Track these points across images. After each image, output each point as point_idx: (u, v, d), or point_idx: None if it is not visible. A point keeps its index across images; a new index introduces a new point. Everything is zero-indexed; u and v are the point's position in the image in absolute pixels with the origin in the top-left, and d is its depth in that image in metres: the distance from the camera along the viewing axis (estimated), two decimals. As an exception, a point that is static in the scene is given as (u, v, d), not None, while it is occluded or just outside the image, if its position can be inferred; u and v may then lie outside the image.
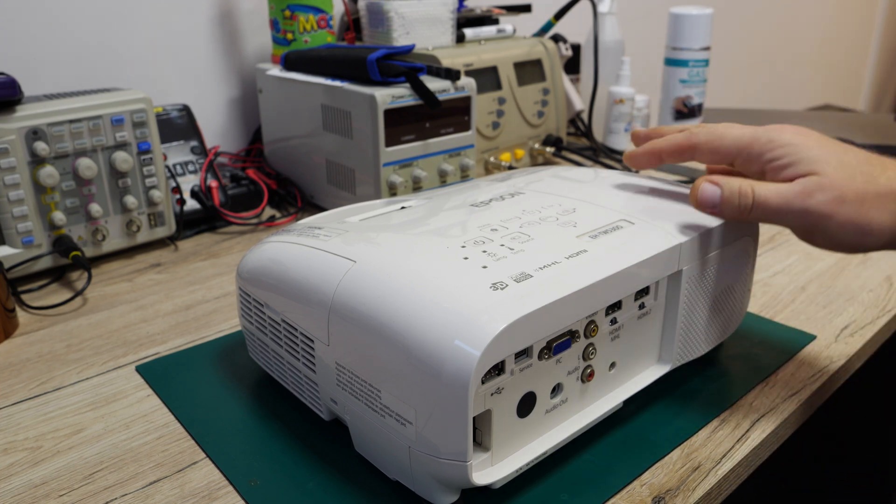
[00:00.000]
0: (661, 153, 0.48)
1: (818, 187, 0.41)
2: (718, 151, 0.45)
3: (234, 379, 0.53)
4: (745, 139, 0.44)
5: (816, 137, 0.43)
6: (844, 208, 0.41)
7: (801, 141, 0.43)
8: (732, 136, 0.44)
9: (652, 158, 0.48)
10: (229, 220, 0.84)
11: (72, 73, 0.88)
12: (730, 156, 0.45)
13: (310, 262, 0.43)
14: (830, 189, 0.41)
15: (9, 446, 0.46)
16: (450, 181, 0.82)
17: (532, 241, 0.42)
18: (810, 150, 0.42)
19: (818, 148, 0.42)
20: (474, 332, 0.34)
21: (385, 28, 0.90)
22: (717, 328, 0.51)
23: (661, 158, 0.48)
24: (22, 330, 0.62)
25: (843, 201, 0.41)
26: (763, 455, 0.47)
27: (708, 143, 0.45)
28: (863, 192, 0.41)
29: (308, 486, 0.42)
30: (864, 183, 0.41)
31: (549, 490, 0.41)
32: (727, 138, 0.45)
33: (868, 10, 2.69)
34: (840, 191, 0.41)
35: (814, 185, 0.41)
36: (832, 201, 0.41)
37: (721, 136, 0.45)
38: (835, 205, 0.41)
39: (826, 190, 0.41)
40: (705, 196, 0.44)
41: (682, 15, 1.12)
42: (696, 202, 0.44)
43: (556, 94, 1.02)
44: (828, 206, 0.41)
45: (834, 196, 0.41)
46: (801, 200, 0.41)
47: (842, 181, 0.41)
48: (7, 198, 0.67)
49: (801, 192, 0.41)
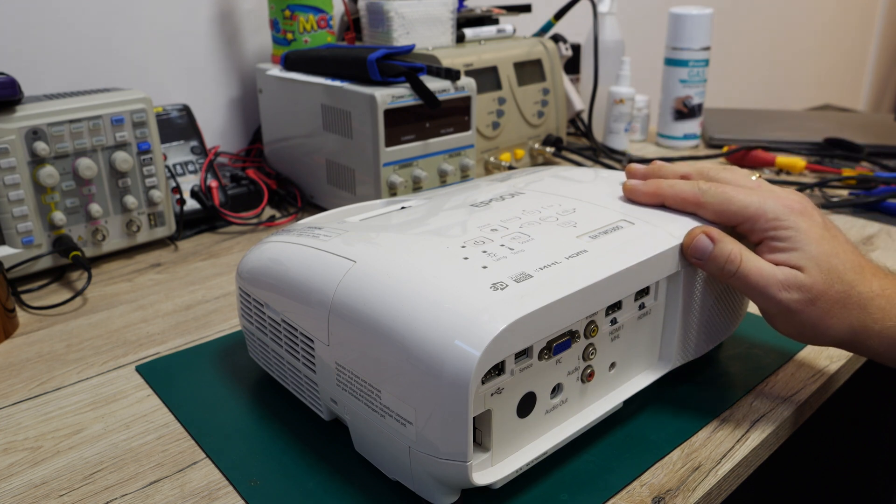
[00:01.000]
0: (664, 200, 0.48)
1: (797, 285, 0.43)
2: (724, 216, 0.46)
3: (234, 379, 0.53)
4: (751, 210, 0.45)
5: (819, 226, 0.45)
6: (810, 310, 0.43)
7: (805, 228, 0.44)
8: (740, 204, 0.45)
9: (654, 200, 0.49)
10: (229, 220, 0.84)
11: (72, 73, 0.88)
12: (734, 222, 0.46)
13: (310, 262, 0.43)
14: (807, 291, 0.43)
15: (9, 446, 0.46)
16: (450, 181, 0.82)
17: (532, 241, 0.42)
18: (809, 244, 0.44)
19: (817, 244, 0.44)
20: (474, 332, 0.34)
21: (385, 28, 0.90)
22: (717, 328, 0.51)
23: (663, 204, 0.48)
24: (22, 330, 0.62)
25: (812, 304, 0.43)
26: (763, 455, 0.47)
27: (715, 206, 0.46)
28: (833, 301, 0.43)
29: (308, 486, 0.42)
30: (839, 292, 0.43)
31: (549, 490, 0.41)
32: (734, 205, 0.45)
33: (868, 10, 2.69)
34: (814, 295, 0.43)
35: (794, 281, 0.43)
36: (803, 301, 0.43)
37: (729, 201, 0.46)
38: (804, 305, 0.43)
39: (803, 290, 0.43)
40: (698, 247, 0.45)
41: (682, 15, 1.12)
42: (688, 249, 0.45)
43: (556, 94, 1.02)
44: (797, 304, 0.43)
45: (807, 298, 0.43)
46: (776, 290, 0.43)
47: (820, 286, 0.43)
48: (7, 198, 0.67)
49: (781, 282, 0.43)
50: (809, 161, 1.03)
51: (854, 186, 0.93)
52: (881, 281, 0.44)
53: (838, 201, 0.88)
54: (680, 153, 1.16)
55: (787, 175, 1.02)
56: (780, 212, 0.44)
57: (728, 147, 1.09)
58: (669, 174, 0.50)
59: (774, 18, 2.19)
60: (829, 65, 2.57)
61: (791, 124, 1.26)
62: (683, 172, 0.50)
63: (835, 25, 2.52)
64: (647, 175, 0.50)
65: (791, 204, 0.45)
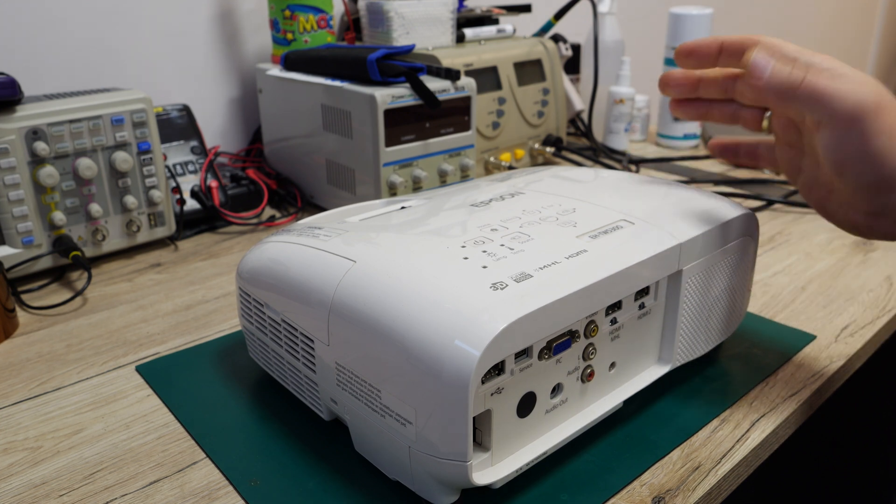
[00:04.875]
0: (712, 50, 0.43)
1: (866, 81, 0.39)
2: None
3: (234, 379, 0.53)
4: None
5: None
6: (882, 118, 0.38)
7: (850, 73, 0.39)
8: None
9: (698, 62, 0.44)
10: (229, 220, 0.84)
11: (72, 73, 0.88)
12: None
13: (310, 262, 0.43)
14: (877, 94, 0.38)
15: (9, 446, 0.46)
16: (450, 181, 0.82)
17: (532, 241, 0.42)
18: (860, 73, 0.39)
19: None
20: (474, 331, 0.34)
21: (385, 28, 0.90)
22: (717, 328, 0.51)
23: (713, 60, 0.43)
24: (22, 330, 0.62)
25: (881, 110, 0.38)
26: (763, 455, 0.47)
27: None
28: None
29: (308, 486, 0.42)
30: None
31: (549, 490, 0.41)
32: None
33: (868, 10, 2.69)
34: (884, 101, 0.38)
35: (864, 81, 0.39)
36: (873, 104, 0.38)
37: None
38: (874, 109, 0.38)
39: (873, 90, 0.38)
40: (757, 62, 0.40)
41: (682, 15, 1.12)
42: (748, 67, 0.41)
43: (556, 94, 1.02)
44: (870, 105, 0.38)
45: (876, 102, 0.38)
46: (847, 92, 0.38)
47: (886, 95, 0.39)
48: (7, 198, 0.67)
49: (850, 88, 0.39)
50: (809, 161, 1.03)
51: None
52: None
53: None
54: (680, 153, 1.16)
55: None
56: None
57: (728, 147, 1.08)
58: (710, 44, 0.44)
59: (774, 18, 2.20)
60: (829, 65, 2.57)
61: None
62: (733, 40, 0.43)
63: (835, 25, 2.52)
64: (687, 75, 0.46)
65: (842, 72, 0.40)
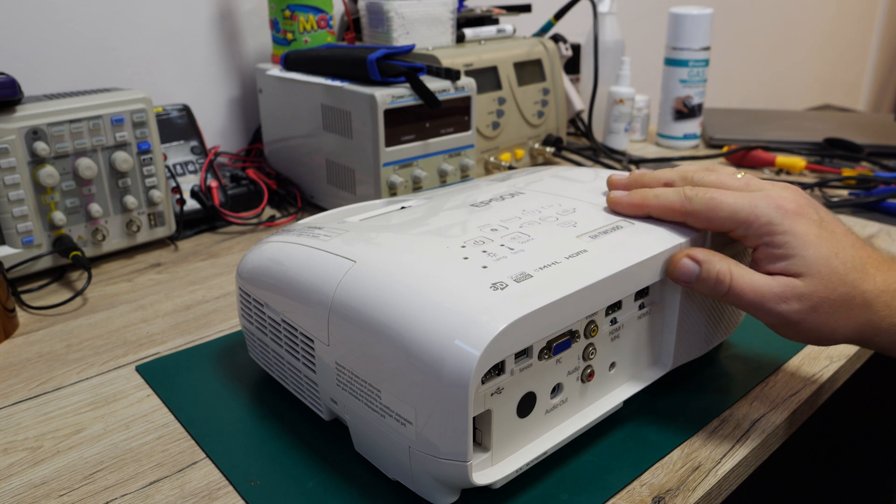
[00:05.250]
0: (649, 211, 0.46)
1: (795, 295, 0.41)
2: (714, 223, 0.44)
3: (234, 379, 0.53)
4: (742, 215, 0.42)
5: (816, 225, 0.42)
6: (812, 317, 0.41)
7: (800, 231, 0.42)
8: (730, 209, 0.43)
9: (639, 212, 0.46)
10: (229, 220, 0.84)
11: (72, 73, 0.88)
12: (725, 229, 0.44)
13: (310, 262, 0.43)
14: (807, 299, 0.41)
15: (9, 446, 0.46)
16: (450, 181, 0.82)
17: (532, 241, 0.42)
18: (806, 248, 0.41)
19: (814, 247, 0.41)
20: (474, 331, 0.34)
21: (385, 28, 0.90)
22: (717, 328, 0.51)
23: (649, 216, 0.46)
24: (22, 330, 0.62)
25: (814, 311, 0.41)
26: (763, 455, 0.47)
27: (703, 213, 0.44)
28: (837, 304, 0.41)
29: (308, 486, 0.42)
30: (841, 294, 0.41)
31: (549, 490, 0.41)
32: (724, 210, 0.43)
33: (868, 10, 2.69)
34: (815, 302, 0.41)
35: (792, 292, 0.41)
36: (804, 311, 0.41)
37: (718, 207, 0.43)
38: (805, 314, 0.41)
39: (802, 299, 0.41)
40: (683, 271, 0.43)
41: (682, 15, 1.12)
42: (673, 274, 0.44)
43: (556, 94, 1.02)
44: (798, 314, 0.41)
45: (808, 306, 0.41)
46: (774, 304, 0.41)
47: (821, 292, 0.41)
48: (7, 198, 0.67)
49: (777, 295, 0.41)
50: (809, 161, 1.03)
51: (854, 186, 0.94)
52: (885, 275, 0.42)
53: (838, 201, 0.88)
54: (680, 153, 1.16)
55: (787, 175, 1.02)
56: (772, 215, 0.42)
57: (728, 147, 1.09)
58: (652, 182, 0.47)
59: (774, 18, 2.19)
60: (829, 65, 2.57)
61: (791, 124, 1.26)
62: (667, 179, 0.47)
63: (835, 25, 2.52)
64: (630, 185, 0.48)
65: (783, 203, 0.42)
